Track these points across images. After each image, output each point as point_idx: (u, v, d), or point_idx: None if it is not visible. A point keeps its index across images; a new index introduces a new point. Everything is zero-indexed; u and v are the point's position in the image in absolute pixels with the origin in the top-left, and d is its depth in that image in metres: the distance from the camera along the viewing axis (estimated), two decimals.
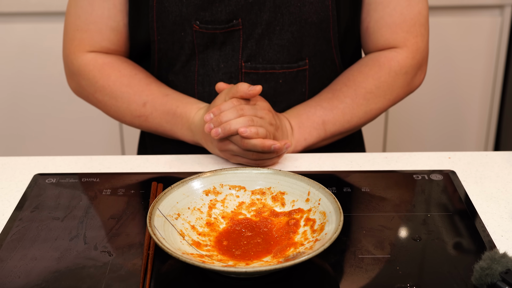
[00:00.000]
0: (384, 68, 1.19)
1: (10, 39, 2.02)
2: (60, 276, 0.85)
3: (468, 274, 0.83)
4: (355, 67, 1.23)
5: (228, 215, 0.95)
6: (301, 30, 1.17)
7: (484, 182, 1.06)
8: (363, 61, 1.23)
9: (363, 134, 1.46)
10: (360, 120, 1.20)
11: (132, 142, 2.14)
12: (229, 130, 1.05)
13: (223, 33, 1.16)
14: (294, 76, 1.21)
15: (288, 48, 1.18)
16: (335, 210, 0.88)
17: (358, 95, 1.19)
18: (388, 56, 1.20)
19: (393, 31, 1.19)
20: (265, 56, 1.18)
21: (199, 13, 1.15)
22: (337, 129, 1.19)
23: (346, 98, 1.18)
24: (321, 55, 1.21)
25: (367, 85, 1.19)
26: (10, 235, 0.93)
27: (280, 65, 1.19)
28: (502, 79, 2.15)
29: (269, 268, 0.79)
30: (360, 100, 1.19)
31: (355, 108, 1.19)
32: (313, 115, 1.18)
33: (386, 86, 1.20)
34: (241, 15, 1.15)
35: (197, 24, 1.15)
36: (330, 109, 1.18)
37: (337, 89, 1.20)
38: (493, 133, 2.23)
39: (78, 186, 1.06)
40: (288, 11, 1.15)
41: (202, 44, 1.18)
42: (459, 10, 2.05)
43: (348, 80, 1.20)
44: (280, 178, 0.97)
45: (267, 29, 1.16)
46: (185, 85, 1.22)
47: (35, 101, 2.10)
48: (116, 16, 1.20)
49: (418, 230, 0.93)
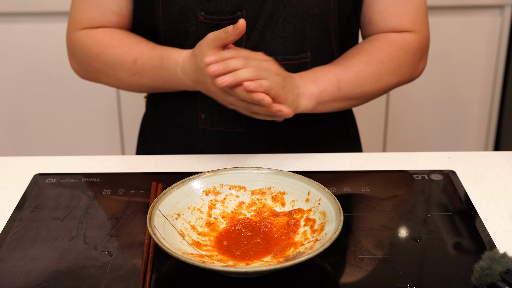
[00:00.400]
0: (395, 44, 1.21)
1: (10, 39, 2.02)
2: (60, 276, 0.85)
3: (468, 274, 0.83)
4: (364, 42, 1.23)
5: (228, 215, 0.95)
6: (303, 22, 1.18)
7: (484, 182, 1.06)
8: (373, 37, 1.23)
9: (362, 134, 1.46)
10: (371, 87, 1.20)
11: (132, 142, 2.14)
12: (237, 79, 1.01)
13: (227, 24, 1.17)
14: (296, 68, 1.21)
15: (290, 40, 1.19)
16: (335, 210, 0.88)
17: (371, 62, 1.19)
18: (399, 35, 1.22)
19: (399, 20, 1.21)
20: (267, 48, 1.19)
21: (204, 4, 1.16)
22: (350, 90, 1.18)
23: (360, 63, 1.19)
24: (322, 48, 1.22)
25: (379, 56, 1.20)
26: (10, 235, 0.93)
27: (282, 57, 1.19)
28: (502, 79, 2.15)
29: (269, 268, 0.79)
30: (372, 67, 1.19)
31: (368, 74, 1.19)
32: (328, 72, 1.17)
33: (396, 60, 1.21)
34: (245, 7, 1.16)
35: (202, 15, 1.16)
36: (344, 69, 1.18)
37: (350, 56, 1.20)
38: (493, 133, 2.23)
39: (78, 186, 1.06)
40: (290, 3, 1.16)
41: (206, 35, 1.18)
42: (459, 10, 2.05)
43: (360, 50, 1.21)
44: (280, 178, 0.97)
45: (269, 21, 1.17)
46: None
47: (35, 101, 2.10)
48: (120, 2, 1.21)
49: (418, 230, 0.93)
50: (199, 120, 1.25)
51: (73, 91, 2.07)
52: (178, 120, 1.28)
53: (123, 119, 2.13)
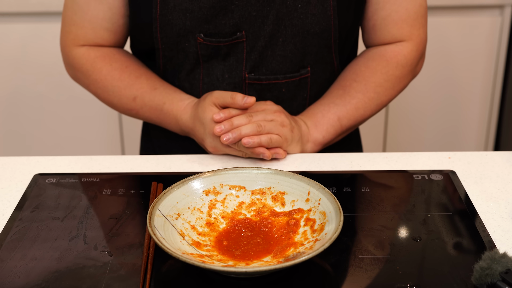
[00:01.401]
0: (391, 62, 1.22)
1: (10, 39, 2.02)
2: (60, 276, 0.85)
3: (468, 274, 0.83)
4: (360, 61, 1.24)
5: (228, 215, 0.95)
6: (304, 40, 1.18)
7: (484, 182, 1.06)
8: (369, 56, 1.25)
9: (362, 134, 1.46)
10: (372, 112, 1.24)
11: (132, 142, 2.14)
12: (239, 136, 1.08)
13: (227, 45, 1.17)
14: (296, 84, 1.22)
15: (291, 59, 1.19)
16: (335, 210, 0.88)
17: (369, 89, 1.21)
18: (395, 50, 1.23)
19: (400, 27, 1.22)
20: (268, 67, 1.19)
21: (203, 26, 1.16)
22: (352, 123, 1.22)
23: (358, 93, 1.21)
24: (322, 61, 1.22)
25: (376, 80, 1.22)
26: (10, 235, 0.93)
27: (283, 75, 1.20)
28: (502, 79, 2.15)
29: (269, 268, 0.79)
30: (371, 94, 1.21)
31: (367, 102, 1.22)
32: (328, 112, 1.20)
33: (394, 79, 1.23)
34: (245, 28, 1.16)
35: (201, 37, 1.16)
36: (343, 105, 1.20)
37: (347, 85, 1.22)
38: (493, 133, 2.23)
39: (78, 186, 1.06)
40: (291, 23, 1.16)
41: (206, 55, 1.19)
42: (459, 10, 2.05)
43: (357, 76, 1.22)
44: (280, 178, 0.97)
45: (270, 41, 1.17)
46: (190, 92, 1.23)
47: (35, 101, 2.10)
48: (111, 19, 1.21)
49: (418, 230, 0.93)
50: None
51: (73, 91, 2.07)
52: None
53: (123, 119, 2.13)
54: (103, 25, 1.22)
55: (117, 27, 1.23)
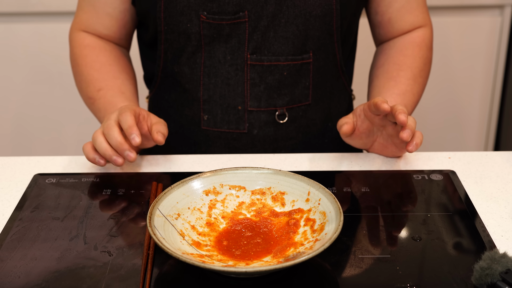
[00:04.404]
0: (423, 47, 1.28)
1: (11, 39, 2.02)
2: (60, 276, 0.85)
3: (468, 274, 0.83)
4: (393, 54, 1.28)
5: (228, 215, 0.95)
6: (306, 23, 1.19)
7: (484, 182, 1.06)
8: (397, 46, 1.28)
9: None
10: (421, 96, 1.28)
11: None
12: None
13: (229, 25, 1.18)
14: (298, 68, 1.22)
15: (293, 41, 1.20)
16: (335, 210, 0.88)
17: (416, 75, 1.25)
18: (420, 36, 1.28)
19: (415, 15, 1.28)
20: (270, 48, 1.20)
21: (207, 4, 1.17)
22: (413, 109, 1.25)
23: (409, 81, 1.24)
24: (324, 49, 1.23)
25: (418, 65, 1.26)
26: (10, 235, 0.93)
27: (285, 57, 1.21)
28: (502, 79, 2.15)
29: (269, 268, 0.79)
30: (419, 79, 1.26)
31: (419, 87, 1.26)
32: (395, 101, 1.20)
33: (429, 61, 1.29)
34: (247, 7, 1.17)
35: (204, 15, 1.17)
36: (402, 94, 1.22)
37: (394, 76, 1.24)
38: (493, 133, 2.23)
39: (78, 186, 1.06)
40: (293, 3, 1.17)
41: (209, 36, 1.19)
42: (459, 10, 2.05)
43: (400, 66, 1.25)
44: (280, 178, 0.97)
45: (272, 22, 1.18)
46: (190, 76, 1.23)
47: (35, 101, 2.10)
48: (113, 3, 1.25)
49: (418, 230, 0.93)
50: (201, 121, 1.25)
51: (73, 91, 2.07)
52: (181, 121, 1.28)
53: None
54: (105, 9, 1.26)
55: (118, 13, 1.26)
